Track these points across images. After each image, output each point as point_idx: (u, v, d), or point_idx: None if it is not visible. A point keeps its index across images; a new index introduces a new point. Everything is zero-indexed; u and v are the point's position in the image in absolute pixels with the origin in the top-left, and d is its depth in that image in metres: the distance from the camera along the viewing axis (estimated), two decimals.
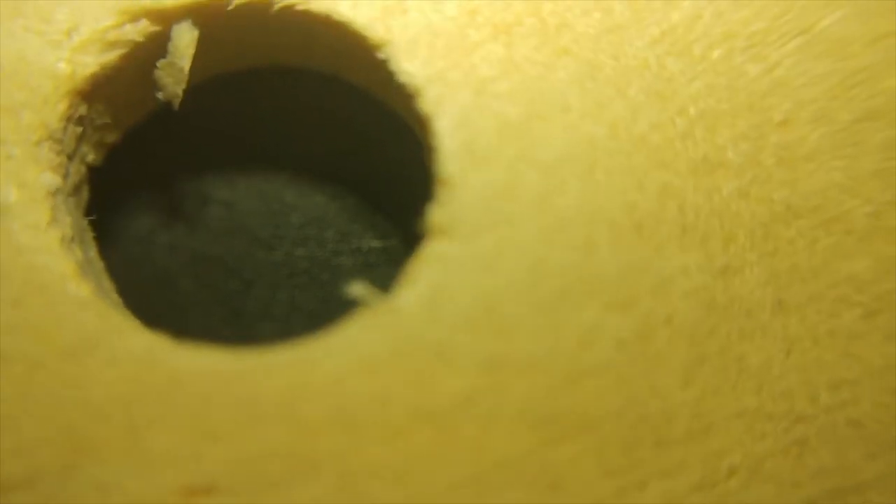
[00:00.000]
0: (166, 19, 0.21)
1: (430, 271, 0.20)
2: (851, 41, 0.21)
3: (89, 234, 0.22)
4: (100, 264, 0.22)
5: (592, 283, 0.20)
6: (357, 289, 0.20)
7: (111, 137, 0.22)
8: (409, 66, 0.20)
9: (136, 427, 0.19)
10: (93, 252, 0.22)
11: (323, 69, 0.24)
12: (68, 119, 0.20)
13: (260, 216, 0.26)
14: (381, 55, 0.21)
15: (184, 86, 0.21)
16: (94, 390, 0.19)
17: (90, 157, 0.22)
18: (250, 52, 0.23)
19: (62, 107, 0.20)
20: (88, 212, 0.22)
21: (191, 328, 0.22)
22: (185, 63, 0.21)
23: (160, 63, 0.21)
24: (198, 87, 0.22)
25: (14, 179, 0.19)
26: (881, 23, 0.21)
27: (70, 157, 0.21)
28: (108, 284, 0.22)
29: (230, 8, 0.21)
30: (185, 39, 0.21)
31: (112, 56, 0.20)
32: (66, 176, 0.20)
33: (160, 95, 0.22)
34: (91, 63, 0.20)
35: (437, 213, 0.20)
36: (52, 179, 0.20)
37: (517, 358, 0.20)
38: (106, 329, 0.19)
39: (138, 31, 0.20)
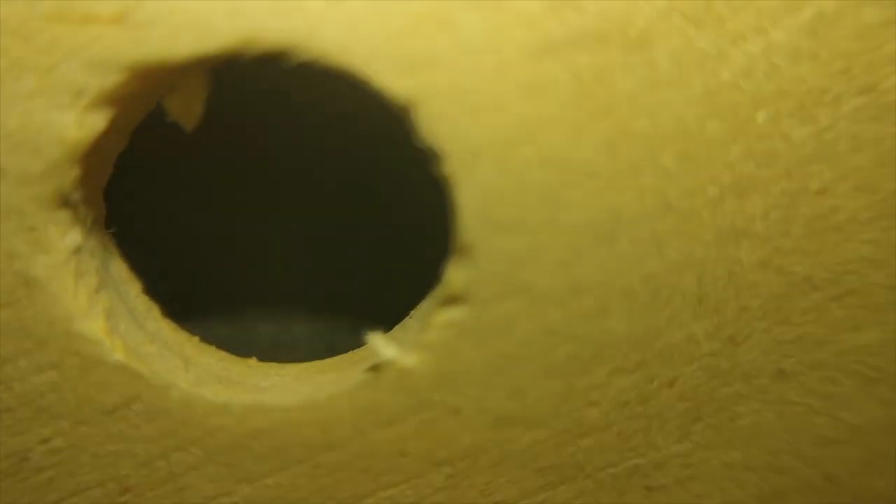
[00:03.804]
0: (174, 72, 0.19)
1: (445, 336, 0.20)
2: None
3: (111, 250, 0.22)
4: (121, 270, 0.23)
5: (602, 348, 0.21)
6: (376, 341, 0.21)
7: (121, 148, 0.22)
8: (433, 127, 0.19)
9: (176, 473, 0.21)
10: (115, 265, 0.22)
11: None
12: (85, 177, 0.19)
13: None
14: (404, 113, 0.19)
15: (197, 120, 0.20)
16: (136, 444, 0.21)
17: (104, 181, 0.21)
18: None
19: (76, 172, 0.19)
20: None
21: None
22: (199, 106, 0.20)
23: (169, 98, 0.20)
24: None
25: (39, 250, 0.19)
26: None
27: (87, 201, 0.20)
28: (132, 290, 0.23)
29: (242, 61, 0.19)
30: (196, 86, 0.20)
31: (119, 109, 0.19)
32: (86, 222, 0.20)
33: (170, 119, 0.21)
34: (99, 121, 0.19)
35: (456, 278, 0.20)
36: (73, 239, 0.20)
37: (525, 415, 0.21)
38: (140, 389, 0.20)
39: (145, 83, 0.19)
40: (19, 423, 0.21)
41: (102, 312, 0.20)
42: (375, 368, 0.21)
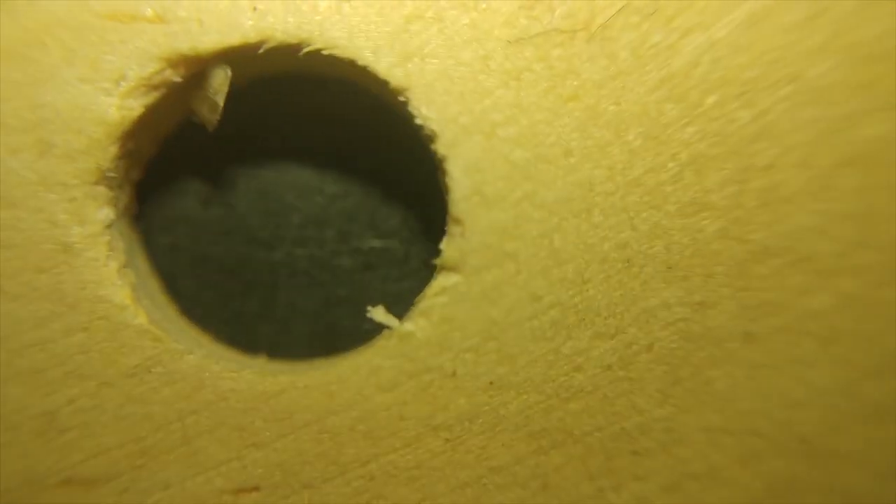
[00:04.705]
0: (203, 62, 0.22)
1: (441, 302, 0.23)
2: (838, 89, 0.23)
3: (137, 245, 0.25)
4: (145, 265, 0.25)
5: (584, 314, 0.23)
6: (377, 313, 0.23)
7: (151, 153, 0.25)
8: (426, 110, 0.22)
9: (190, 437, 0.22)
10: (140, 260, 0.25)
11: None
12: (119, 158, 0.22)
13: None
14: (401, 98, 0.22)
15: (219, 116, 0.23)
16: (154, 406, 0.22)
17: (135, 176, 0.24)
18: (272, 70, 0.25)
19: (114, 150, 0.22)
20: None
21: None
22: (221, 98, 0.23)
23: (196, 96, 0.23)
24: None
25: (76, 219, 0.22)
26: (867, 71, 0.23)
27: (121, 186, 0.23)
28: (153, 284, 0.25)
29: (261, 52, 0.22)
30: (220, 78, 0.23)
31: (154, 97, 0.22)
32: (118, 205, 0.23)
33: (195, 119, 0.24)
34: (136, 106, 0.22)
35: (449, 250, 0.23)
36: (107, 214, 0.22)
37: (516, 380, 0.23)
38: (160, 353, 0.22)
39: (177, 73, 0.22)
40: (49, 384, 0.22)
41: (129, 285, 0.22)
42: (376, 338, 0.23)
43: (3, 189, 0.22)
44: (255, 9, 0.22)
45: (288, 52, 0.22)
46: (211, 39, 0.22)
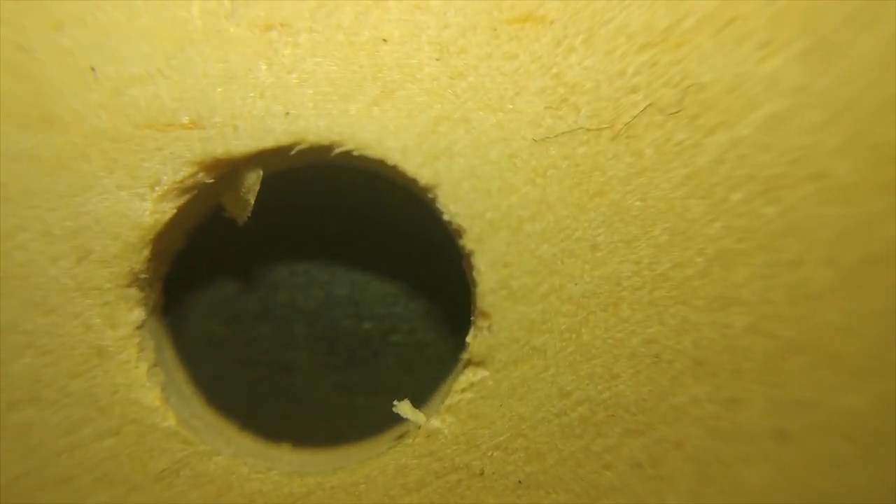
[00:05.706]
0: (236, 164, 0.23)
1: (469, 398, 0.23)
2: (863, 188, 0.23)
3: (166, 339, 0.25)
4: (173, 358, 0.25)
5: (613, 410, 0.23)
6: (403, 408, 0.23)
7: (179, 246, 0.25)
8: (454, 207, 0.23)
9: None
10: (168, 353, 0.25)
11: None
12: (151, 260, 0.22)
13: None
14: (429, 195, 0.23)
15: (249, 212, 0.24)
16: None
17: (163, 272, 0.24)
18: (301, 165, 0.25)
19: (146, 253, 0.22)
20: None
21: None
22: (252, 197, 0.23)
23: (227, 196, 0.24)
24: None
25: (109, 323, 0.22)
26: (889, 170, 0.23)
27: (151, 285, 0.23)
28: (180, 377, 0.25)
29: (293, 153, 0.23)
30: (252, 179, 0.23)
31: (186, 198, 0.23)
32: (148, 304, 0.23)
33: (226, 214, 0.24)
34: (169, 209, 0.22)
35: (476, 344, 0.23)
36: (138, 315, 0.22)
37: (545, 479, 0.23)
38: (189, 455, 0.22)
39: (210, 175, 0.23)
40: (79, 491, 0.22)
41: (158, 385, 0.23)
42: (403, 435, 0.23)
43: (42, 296, 0.22)
44: (287, 114, 0.22)
45: (319, 153, 0.23)
46: (245, 144, 0.22)
